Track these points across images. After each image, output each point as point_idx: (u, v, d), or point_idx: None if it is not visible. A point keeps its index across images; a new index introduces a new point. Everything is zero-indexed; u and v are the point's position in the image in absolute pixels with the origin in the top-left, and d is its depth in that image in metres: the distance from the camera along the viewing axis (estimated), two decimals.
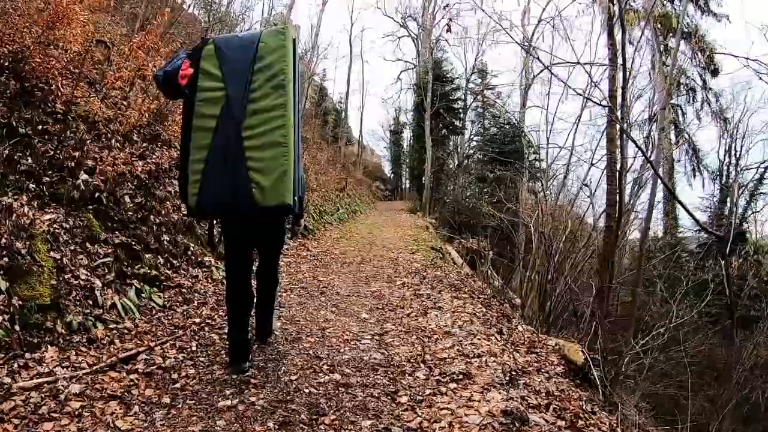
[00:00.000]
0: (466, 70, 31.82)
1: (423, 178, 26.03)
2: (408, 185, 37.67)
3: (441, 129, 28.03)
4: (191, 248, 6.44)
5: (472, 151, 32.19)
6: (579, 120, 19.35)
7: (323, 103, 35.69)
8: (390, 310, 5.37)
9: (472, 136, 32.89)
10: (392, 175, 42.61)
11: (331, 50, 53.33)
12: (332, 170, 22.52)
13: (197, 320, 4.37)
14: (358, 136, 38.35)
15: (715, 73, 26.63)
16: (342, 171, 25.26)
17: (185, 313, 4.61)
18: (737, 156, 24.80)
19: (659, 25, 25.03)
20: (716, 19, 25.63)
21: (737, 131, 25.05)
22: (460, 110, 29.36)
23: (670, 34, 25.27)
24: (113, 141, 6.36)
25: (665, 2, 25.33)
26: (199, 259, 6.44)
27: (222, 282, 5.45)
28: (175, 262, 5.99)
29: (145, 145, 7.12)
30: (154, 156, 7.03)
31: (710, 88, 27.15)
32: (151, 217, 6.03)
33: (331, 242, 10.98)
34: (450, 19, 24.37)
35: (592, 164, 13.91)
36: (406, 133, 38.91)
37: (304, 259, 8.48)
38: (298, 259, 8.46)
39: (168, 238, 6.11)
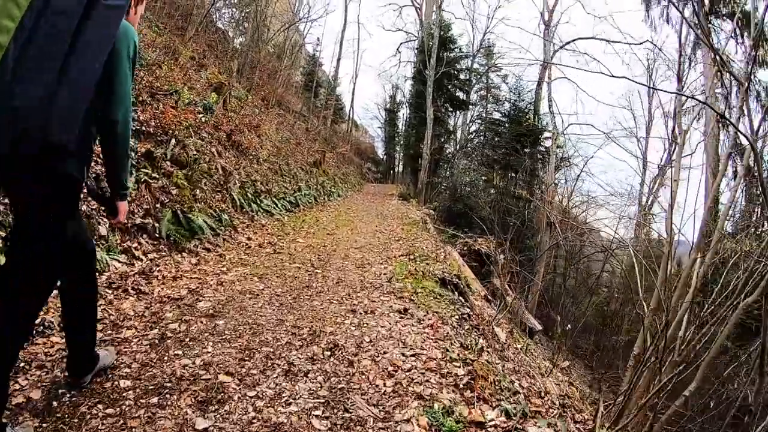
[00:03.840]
0: (473, 45, 25.57)
1: (419, 160, 19.68)
2: (401, 168, 31.42)
3: (444, 103, 21.56)
4: None
5: (472, 136, 26.06)
6: None
7: (315, 76, 29.32)
8: None
9: (473, 119, 26.64)
10: (385, 157, 36.21)
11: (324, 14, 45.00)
12: (305, 140, 16.17)
13: None
14: (349, 109, 31.77)
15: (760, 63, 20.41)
16: (323, 144, 18.92)
17: None
18: None
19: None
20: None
21: None
22: (466, 82, 22.80)
23: (711, 15, 19.34)
24: None
25: None
26: None
27: None
28: None
29: None
30: None
31: (759, 80, 20.95)
32: None
33: (236, 262, 4.74)
34: None
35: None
36: (403, 113, 32.50)
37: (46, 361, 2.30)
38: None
39: None
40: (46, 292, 1.75)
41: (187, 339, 2.76)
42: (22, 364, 2.15)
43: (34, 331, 2.46)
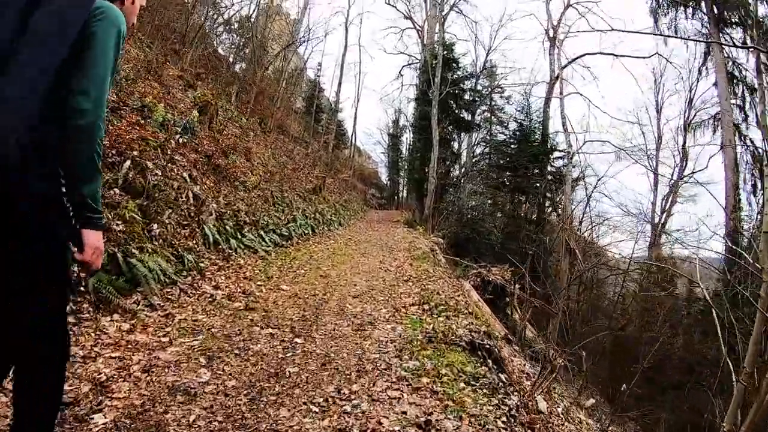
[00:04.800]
0: (476, 65, 24.59)
1: (425, 184, 18.36)
2: (406, 194, 30.15)
3: (449, 124, 20.39)
4: None
5: (477, 158, 24.85)
6: None
7: (318, 100, 28.30)
8: None
9: (478, 141, 25.43)
10: (389, 183, 35.00)
11: (326, 38, 43.98)
12: (305, 166, 14.98)
13: None
14: (351, 134, 30.68)
15: None
16: (324, 170, 17.68)
17: None
18: None
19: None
20: None
21: None
22: (471, 102, 21.62)
23: (720, 24, 18.38)
24: None
25: None
26: None
27: None
28: None
29: None
30: None
31: None
32: None
33: (185, 328, 3.35)
34: None
35: None
36: (406, 137, 31.40)
37: None
38: None
39: None
40: None
41: None
42: None
43: None
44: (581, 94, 18.18)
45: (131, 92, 6.61)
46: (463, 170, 24.08)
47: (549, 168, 17.75)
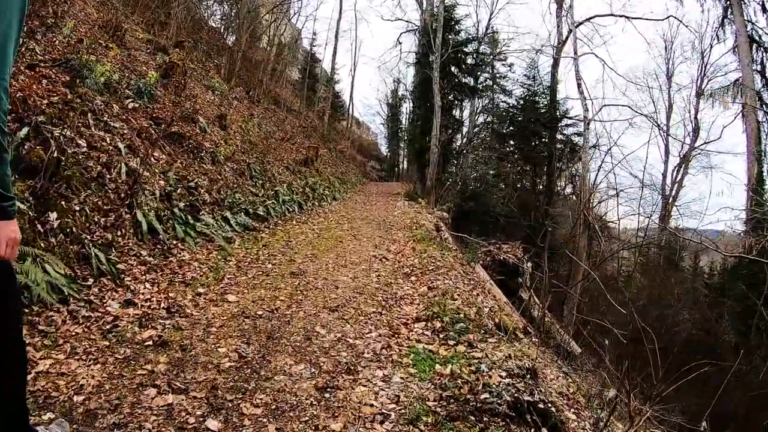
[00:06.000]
0: (478, 28, 22.56)
1: (426, 154, 16.68)
2: (406, 165, 28.48)
3: (451, 90, 18.58)
4: None
5: (479, 128, 23.10)
6: None
7: (308, 64, 26.30)
8: None
9: (480, 110, 23.60)
10: (389, 155, 33.28)
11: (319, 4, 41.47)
12: (297, 136, 13.38)
13: None
14: (348, 104, 28.81)
15: None
16: (318, 140, 16.04)
17: None
18: None
19: None
20: None
21: None
22: (474, 66, 19.70)
23: None
24: None
25: None
26: None
27: None
28: None
29: None
30: None
31: None
32: None
33: (34, 393, 1.92)
34: None
35: None
36: (406, 107, 29.52)
37: None
38: None
39: None
40: None
41: None
42: None
43: None
44: (596, 55, 16.37)
45: (54, 44, 5.07)
46: (465, 139, 22.41)
47: (558, 135, 16.13)
